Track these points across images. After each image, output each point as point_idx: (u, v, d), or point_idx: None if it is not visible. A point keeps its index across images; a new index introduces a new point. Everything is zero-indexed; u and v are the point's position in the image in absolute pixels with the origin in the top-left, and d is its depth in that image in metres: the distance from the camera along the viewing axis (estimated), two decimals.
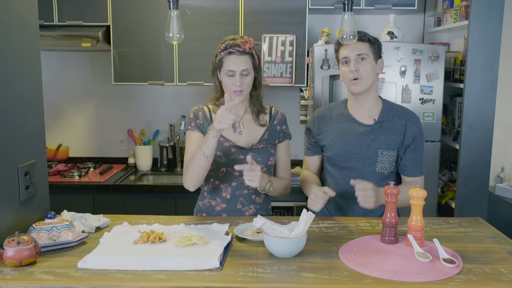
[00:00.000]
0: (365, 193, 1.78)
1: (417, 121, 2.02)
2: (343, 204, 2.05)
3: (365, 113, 2.02)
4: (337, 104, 2.15)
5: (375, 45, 1.98)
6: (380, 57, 2.01)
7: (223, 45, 1.94)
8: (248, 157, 1.84)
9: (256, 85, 2.00)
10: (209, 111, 2.04)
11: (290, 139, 2.11)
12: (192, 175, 1.89)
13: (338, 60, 2.03)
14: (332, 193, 1.81)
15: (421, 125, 2.04)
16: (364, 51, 1.94)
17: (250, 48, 1.92)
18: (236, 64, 1.88)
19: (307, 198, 2.32)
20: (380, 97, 2.07)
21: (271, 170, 2.05)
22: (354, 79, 1.94)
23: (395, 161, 2.01)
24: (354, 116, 2.03)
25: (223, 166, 1.97)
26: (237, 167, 1.84)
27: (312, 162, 2.18)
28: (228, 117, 1.71)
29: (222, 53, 1.92)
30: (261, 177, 1.83)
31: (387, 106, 2.04)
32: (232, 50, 1.89)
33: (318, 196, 1.80)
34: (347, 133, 2.02)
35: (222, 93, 2.00)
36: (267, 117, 2.05)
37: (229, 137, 1.99)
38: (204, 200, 2.05)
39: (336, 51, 2.03)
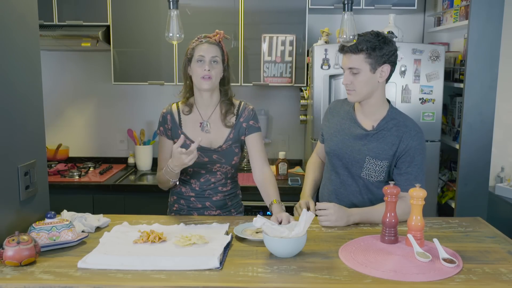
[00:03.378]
0: (326, 211, 1.81)
1: (416, 136, 1.92)
2: (335, 201, 2.06)
3: (367, 117, 1.98)
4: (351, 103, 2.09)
5: (375, 53, 1.85)
6: (385, 63, 1.88)
7: (196, 38, 2.08)
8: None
9: (225, 82, 2.09)
10: (178, 110, 2.12)
11: (260, 132, 2.12)
12: (163, 187, 2.16)
13: None
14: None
15: (421, 140, 1.93)
16: (356, 65, 1.86)
17: (220, 40, 2.05)
18: (206, 50, 2.00)
19: None
20: (389, 102, 1.99)
21: (235, 166, 2.12)
22: (348, 90, 1.93)
23: (386, 171, 1.96)
24: (357, 118, 2.01)
25: (190, 167, 2.03)
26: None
27: (321, 149, 2.23)
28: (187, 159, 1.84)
29: (193, 43, 2.05)
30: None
31: (390, 115, 1.96)
32: (202, 40, 2.04)
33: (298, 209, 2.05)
34: (345, 131, 2.02)
35: (192, 91, 2.11)
36: (233, 119, 2.09)
37: (194, 138, 2.04)
38: (176, 187, 2.17)
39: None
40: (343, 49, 1.90)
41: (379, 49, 1.85)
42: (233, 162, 2.10)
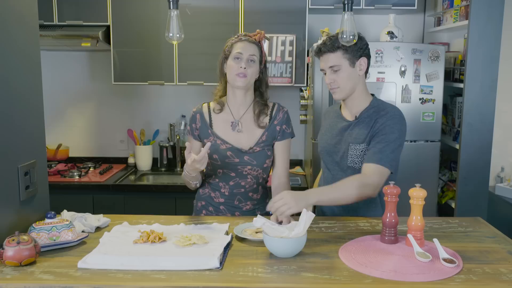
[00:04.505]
0: (283, 200, 1.67)
1: (391, 117, 1.91)
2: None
3: (351, 111, 2.03)
4: (338, 103, 2.20)
5: (351, 48, 1.90)
6: (361, 56, 1.94)
7: (235, 35, 2.03)
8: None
9: (262, 84, 2.04)
10: (209, 110, 2.07)
11: (292, 137, 2.10)
12: (189, 188, 2.09)
13: None
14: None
15: (396, 121, 1.90)
16: (336, 62, 1.92)
17: (260, 40, 2.01)
18: (245, 48, 1.95)
19: None
20: (373, 95, 2.03)
21: (266, 170, 2.06)
22: (331, 89, 1.98)
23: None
24: (342, 113, 2.08)
25: (220, 168, 2.01)
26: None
27: None
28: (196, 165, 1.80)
29: (232, 41, 2.00)
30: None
31: (372, 105, 1.99)
32: (242, 38, 1.99)
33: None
34: (333, 127, 2.08)
35: (225, 90, 2.06)
36: (267, 120, 2.05)
37: (227, 138, 2.01)
38: (205, 189, 2.10)
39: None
40: (320, 51, 1.96)
41: (351, 45, 1.90)
42: (264, 165, 2.02)
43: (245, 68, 1.92)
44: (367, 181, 1.81)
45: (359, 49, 1.93)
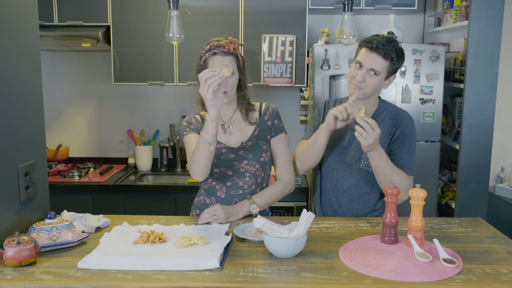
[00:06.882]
0: (371, 131, 1.74)
1: (409, 122, 2.00)
2: (334, 199, 2.08)
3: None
4: (343, 99, 2.16)
5: (395, 65, 1.92)
6: (394, 72, 1.96)
7: (208, 46, 1.93)
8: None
9: (241, 86, 2.01)
10: (201, 118, 2.06)
11: (285, 133, 2.08)
12: (198, 165, 1.85)
13: (355, 56, 1.98)
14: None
15: (413, 126, 2.01)
16: (379, 69, 1.89)
17: (234, 49, 1.93)
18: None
19: (307, 195, 2.31)
20: (379, 97, 2.06)
21: (265, 167, 2.02)
22: (356, 85, 1.92)
23: None
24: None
25: (216, 167, 1.97)
26: (199, 222, 1.86)
27: None
28: (211, 78, 1.71)
29: (206, 54, 1.92)
30: (226, 214, 1.87)
31: (382, 107, 2.03)
32: (216, 51, 1.90)
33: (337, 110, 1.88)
34: (342, 128, 2.01)
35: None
36: (256, 114, 2.05)
37: (219, 138, 1.99)
38: (200, 197, 2.07)
39: (359, 47, 1.96)
40: (374, 47, 1.88)
41: (400, 62, 1.94)
42: (261, 159, 1.99)
43: (225, 86, 1.87)
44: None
45: (398, 68, 1.95)
